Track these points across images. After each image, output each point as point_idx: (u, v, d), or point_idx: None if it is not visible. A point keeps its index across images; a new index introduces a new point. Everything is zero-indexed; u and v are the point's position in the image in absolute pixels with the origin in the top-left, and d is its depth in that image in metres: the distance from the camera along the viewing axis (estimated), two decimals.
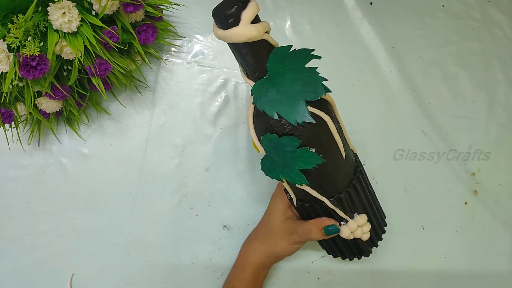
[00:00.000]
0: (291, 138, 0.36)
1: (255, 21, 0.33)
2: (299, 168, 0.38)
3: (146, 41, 0.51)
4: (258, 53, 0.35)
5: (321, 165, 0.38)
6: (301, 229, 0.45)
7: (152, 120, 0.58)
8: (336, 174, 0.41)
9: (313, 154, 0.37)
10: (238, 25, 0.32)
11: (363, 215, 0.44)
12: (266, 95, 0.36)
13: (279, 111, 0.36)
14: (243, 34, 0.32)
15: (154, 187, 0.57)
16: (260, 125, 0.38)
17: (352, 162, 0.43)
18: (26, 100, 0.46)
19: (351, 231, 0.43)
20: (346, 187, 0.42)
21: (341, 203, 0.42)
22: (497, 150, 0.61)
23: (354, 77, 0.61)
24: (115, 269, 0.55)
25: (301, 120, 0.36)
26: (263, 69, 0.36)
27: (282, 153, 0.38)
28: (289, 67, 0.35)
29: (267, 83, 0.36)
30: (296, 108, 0.36)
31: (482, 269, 0.58)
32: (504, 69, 0.63)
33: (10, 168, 0.57)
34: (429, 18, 0.63)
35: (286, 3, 0.61)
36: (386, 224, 0.50)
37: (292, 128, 0.37)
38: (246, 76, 0.38)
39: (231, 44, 0.35)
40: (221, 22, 0.33)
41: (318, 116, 0.37)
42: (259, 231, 0.51)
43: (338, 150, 0.40)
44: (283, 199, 0.48)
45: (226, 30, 0.33)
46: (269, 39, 0.35)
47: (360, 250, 0.48)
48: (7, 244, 0.55)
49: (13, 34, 0.42)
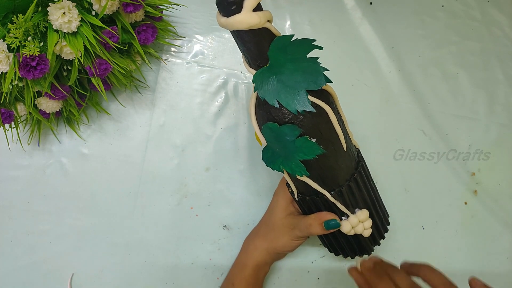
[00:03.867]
0: (292, 126, 0.36)
1: (257, 9, 0.33)
2: (300, 158, 0.38)
3: (146, 41, 0.51)
4: (259, 42, 0.35)
5: (322, 156, 0.38)
6: (302, 224, 0.45)
7: (152, 120, 0.58)
8: (337, 167, 0.41)
9: (314, 144, 0.37)
10: (240, 12, 0.33)
11: (364, 210, 0.44)
12: (267, 83, 0.36)
13: (279, 99, 0.36)
14: (245, 21, 0.33)
15: (154, 187, 0.57)
16: (261, 114, 0.39)
17: (354, 156, 0.43)
18: (26, 100, 0.46)
19: (352, 226, 0.43)
20: (348, 181, 0.42)
21: (342, 197, 0.42)
22: (497, 150, 0.61)
23: (354, 77, 0.61)
24: (115, 269, 0.55)
25: (302, 109, 0.36)
26: (265, 57, 0.36)
27: (282, 143, 0.38)
28: (291, 56, 0.35)
29: (268, 71, 0.36)
30: (296, 97, 0.36)
31: (482, 269, 0.58)
32: (504, 69, 0.63)
33: (10, 168, 0.57)
34: (429, 18, 0.63)
35: (286, 3, 0.61)
36: (389, 223, 0.49)
37: (293, 116, 0.37)
38: (248, 65, 0.38)
39: (234, 32, 0.35)
40: (224, 10, 0.33)
41: (318, 106, 0.37)
42: (261, 228, 0.52)
43: (339, 141, 0.39)
44: (285, 195, 0.48)
45: (228, 18, 0.33)
46: (271, 28, 0.35)
47: (361, 248, 0.48)
48: (7, 244, 0.55)
49: (13, 34, 0.42)
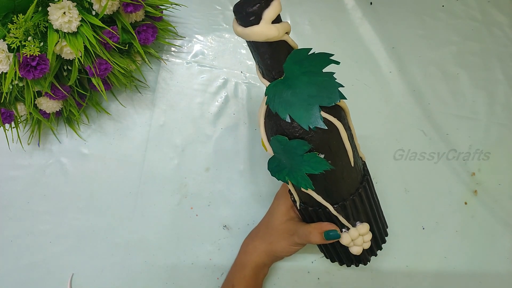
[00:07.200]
0: (301, 142, 0.36)
1: (276, 21, 0.32)
2: (306, 172, 0.37)
3: (146, 41, 0.51)
4: (276, 54, 0.34)
5: (329, 171, 0.37)
6: (302, 231, 0.45)
7: (152, 120, 0.58)
8: (343, 181, 0.40)
9: (322, 160, 0.37)
10: (258, 24, 0.32)
11: (365, 224, 0.43)
12: (280, 96, 0.35)
13: (291, 114, 0.35)
14: (263, 34, 0.32)
15: (154, 187, 0.57)
16: (271, 125, 0.38)
17: (360, 170, 0.42)
18: (26, 100, 0.46)
19: (351, 239, 0.43)
20: (352, 195, 0.41)
21: (345, 210, 0.42)
22: (497, 150, 0.61)
23: (354, 77, 0.61)
24: (115, 269, 0.55)
25: (314, 125, 0.35)
26: (280, 70, 0.35)
27: (290, 156, 0.37)
28: (306, 69, 0.35)
29: (283, 84, 0.35)
30: (309, 112, 0.35)
31: (482, 269, 0.58)
32: (504, 69, 0.63)
33: (10, 168, 0.57)
34: (429, 18, 0.63)
35: (286, 3, 0.61)
36: (387, 234, 0.49)
37: (303, 132, 0.36)
38: (262, 75, 0.37)
39: (250, 42, 0.34)
40: (241, 19, 0.32)
41: (330, 122, 0.36)
42: (260, 230, 0.51)
43: (347, 157, 0.39)
44: (287, 200, 0.48)
45: (246, 28, 0.32)
46: (288, 40, 0.34)
47: (358, 258, 0.47)
48: (7, 244, 0.55)
49: (13, 34, 0.42)
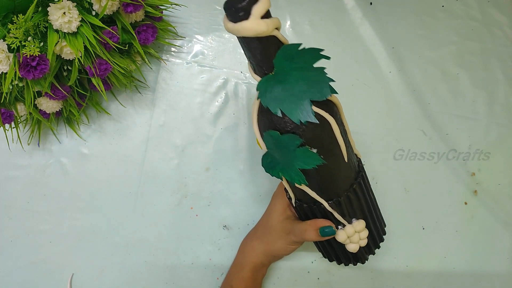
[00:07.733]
0: (293, 136, 0.36)
1: (265, 16, 0.33)
2: (299, 167, 0.38)
3: (146, 41, 0.51)
4: (266, 49, 0.34)
5: (322, 166, 0.37)
6: (297, 229, 0.45)
7: (152, 120, 0.58)
8: (337, 177, 0.40)
9: (314, 155, 0.37)
10: (248, 19, 0.32)
11: (361, 221, 0.43)
12: (271, 91, 0.36)
13: (282, 109, 0.35)
14: (252, 29, 0.32)
15: (154, 187, 0.57)
16: (263, 121, 0.38)
17: (354, 166, 0.43)
18: (26, 100, 0.46)
19: (347, 236, 0.43)
20: (346, 191, 0.42)
21: (339, 207, 0.42)
22: (497, 150, 0.61)
23: (354, 77, 0.61)
24: (115, 269, 0.55)
25: (305, 120, 0.35)
26: (270, 65, 0.35)
27: (283, 151, 0.37)
28: (297, 65, 0.35)
29: (273, 79, 0.36)
30: (300, 107, 0.35)
31: (482, 269, 0.58)
32: (504, 69, 0.63)
33: (10, 168, 0.57)
34: (429, 18, 0.63)
35: (286, 3, 0.61)
36: (385, 233, 0.49)
37: (295, 126, 0.36)
38: (253, 71, 0.37)
39: (240, 38, 0.34)
40: (231, 15, 0.33)
41: (322, 117, 0.36)
42: (258, 230, 0.52)
43: (341, 152, 0.39)
44: (283, 199, 0.48)
45: (235, 23, 0.33)
46: (278, 36, 0.34)
47: (356, 256, 0.47)
48: (7, 244, 0.55)
49: (13, 34, 0.42)
